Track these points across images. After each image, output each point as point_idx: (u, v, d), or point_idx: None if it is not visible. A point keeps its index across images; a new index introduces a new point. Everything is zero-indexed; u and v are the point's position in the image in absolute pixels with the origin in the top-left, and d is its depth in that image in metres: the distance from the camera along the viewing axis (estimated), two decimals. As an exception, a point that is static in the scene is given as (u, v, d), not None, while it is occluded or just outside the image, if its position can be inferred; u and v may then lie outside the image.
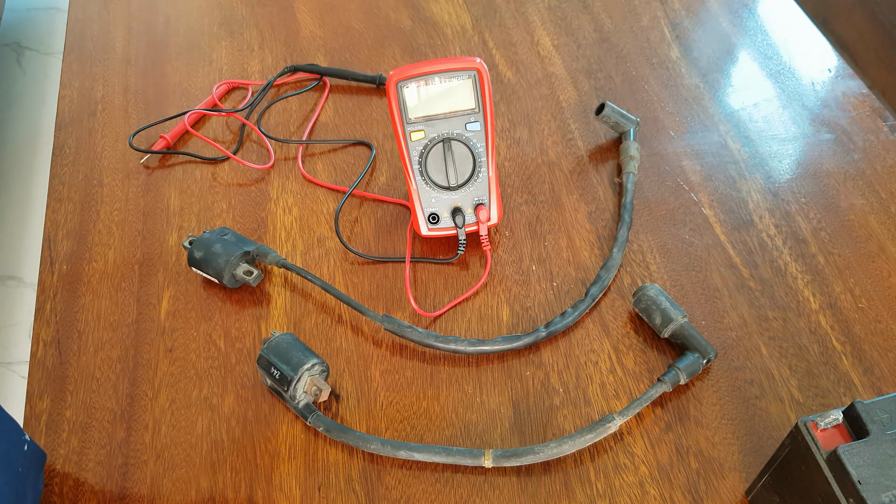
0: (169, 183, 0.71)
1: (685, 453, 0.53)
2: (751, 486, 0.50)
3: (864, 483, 0.38)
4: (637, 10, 0.84)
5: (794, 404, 0.55)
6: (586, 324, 0.60)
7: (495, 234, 0.66)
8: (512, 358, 0.58)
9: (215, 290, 0.63)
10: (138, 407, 0.57)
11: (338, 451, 0.54)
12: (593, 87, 0.77)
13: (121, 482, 0.53)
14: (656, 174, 0.69)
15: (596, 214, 0.67)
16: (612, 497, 0.51)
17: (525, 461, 0.52)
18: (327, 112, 0.76)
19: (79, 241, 0.67)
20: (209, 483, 0.53)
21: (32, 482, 0.51)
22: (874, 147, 0.70)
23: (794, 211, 0.66)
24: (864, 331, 0.58)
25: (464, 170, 0.61)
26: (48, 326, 0.62)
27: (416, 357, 0.59)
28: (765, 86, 0.76)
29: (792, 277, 0.62)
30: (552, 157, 0.71)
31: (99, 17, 0.88)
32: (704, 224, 0.66)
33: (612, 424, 0.53)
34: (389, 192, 0.69)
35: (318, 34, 0.84)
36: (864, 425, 0.41)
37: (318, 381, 0.54)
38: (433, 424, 0.55)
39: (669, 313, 0.57)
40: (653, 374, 0.57)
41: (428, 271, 0.64)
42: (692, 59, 0.79)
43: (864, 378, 0.56)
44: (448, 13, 0.85)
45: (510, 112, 0.75)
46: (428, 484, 0.52)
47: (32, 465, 0.51)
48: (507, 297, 0.62)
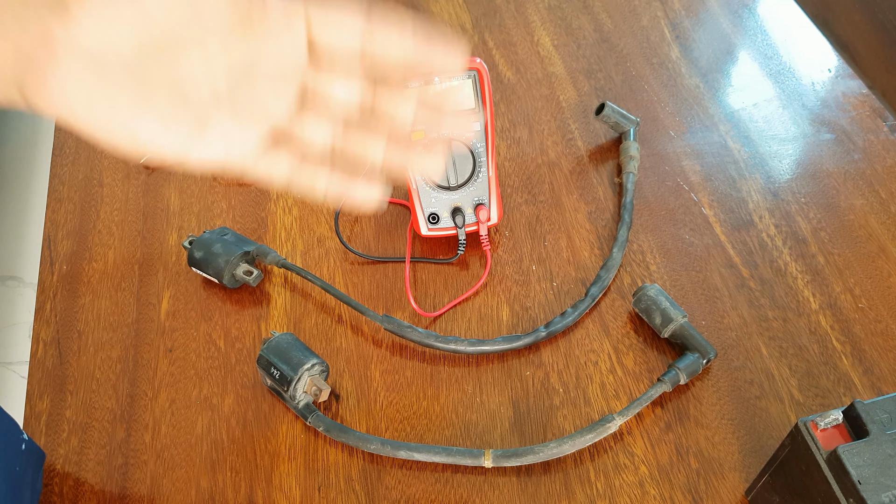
0: (169, 183, 0.71)
1: (685, 453, 0.53)
2: (751, 486, 0.50)
3: (864, 483, 0.38)
4: (637, 10, 0.84)
5: (794, 404, 0.55)
6: (586, 324, 0.60)
7: (495, 234, 0.66)
8: (512, 358, 0.58)
9: (215, 290, 0.63)
10: (138, 407, 0.57)
11: (338, 451, 0.54)
12: (593, 87, 0.77)
13: (121, 482, 0.53)
14: (656, 174, 0.69)
15: (596, 214, 0.67)
16: (612, 497, 0.51)
17: (525, 461, 0.52)
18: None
19: (79, 241, 0.67)
20: (209, 483, 0.53)
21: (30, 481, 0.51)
22: (874, 147, 0.70)
23: (794, 211, 0.66)
24: (864, 331, 0.58)
25: (464, 170, 0.61)
26: (48, 326, 0.62)
27: (416, 357, 0.59)
28: (765, 86, 0.76)
29: (792, 277, 0.62)
30: (552, 157, 0.71)
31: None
32: (704, 224, 0.66)
33: (612, 424, 0.53)
34: (389, 192, 0.69)
35: (318, 34, 0.84)
36: (864, 425, 0.41)
37: (318, 381, 0.54)
38: (433, 424, 0.55)
39: (669, 313, 0.57)
40: (653, 374, 0.57)
41: (428, 271, 0.64)
42: (692, 59, 0.79)
43: (864, 378, 0.56)
44: (448, 13, 0.85)
45: (510, 112, 0.75)
46: (428, 484, 0.52)
47: (30, 464, 0.51)
48: (507, 297, 0.62)
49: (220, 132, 0.30)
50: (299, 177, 0.33)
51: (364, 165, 0.33)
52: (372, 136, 0.33)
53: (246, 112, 0.30)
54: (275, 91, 0.31)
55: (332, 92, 0.31)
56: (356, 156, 0.33)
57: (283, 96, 0.31)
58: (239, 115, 0.30)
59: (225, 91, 0.30)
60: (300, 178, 0.33)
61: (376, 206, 0.33)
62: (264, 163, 0.32)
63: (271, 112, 0.31)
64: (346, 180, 0.33)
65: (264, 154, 0.32)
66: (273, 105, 0.31)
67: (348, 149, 0.33)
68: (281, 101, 0.31)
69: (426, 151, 0.33)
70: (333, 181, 0.33)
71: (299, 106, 0.32)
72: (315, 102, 0.32)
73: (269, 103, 0.31)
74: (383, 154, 0.33)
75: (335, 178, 0.33)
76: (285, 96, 0.31)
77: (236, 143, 0.31)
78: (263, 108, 0.31)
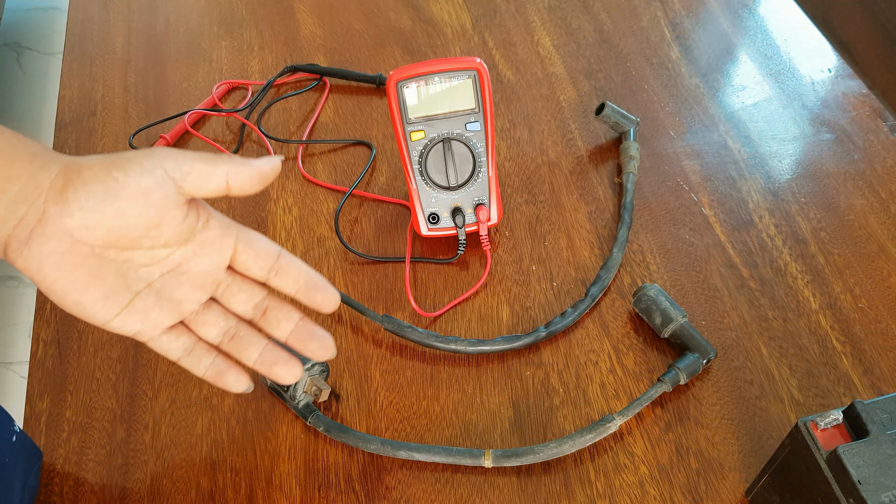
0: (169, 183, 0.71)
1: (685, 453, 0.53)
2: (751, 486, 0.50)
3: (864, 483, 0.38)
4: (637, 10, 0.84)
5: (794, 404, 0.55)
6: (586, 324, 0.60)
7: (495, 234, 0.66)
8: (512, 358, 0.58)
9: (215, 290, 0.63)
10: (138, 407, 0.57)
11: (338, 451, 0.54)
12: (593, 87, 0.77)
13: (121, 482, 0.53)
14: (656, 174, 0.69)
15: (596, 214, 0.67)
16: (612, 497, 0.51)
17: (525, 461, 0.52)
18: (327, 112, 0.76)
19: (79, 241, 0.67)
20: (209, 483, 0.53)
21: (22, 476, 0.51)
22: (874, 147, 0.70)
23: (794, 211, 0.66)
24: (864, 331, 0.58)
25: (464, 170, 0.61)
26: (48, 326, 0.62)
27: (416, 357, 0.59)
28: (765, 86, 0.76)
29: (792, 277, 0.62)
30: (552, 157, 0.71)
31: (99, 17, 0.88)
32: (704, 224, 0.66)
33: (612, 424, 0.53)
34: (389, 192, 0.69)
35: (318, 34, 0.84)
36: (864, 425, 0.41)
37: (318, 381, 0.54)
38: (433, 424, 0.55)
39: (669, 313, 0.57)
40: (653, 374, 0.57)
41: (428, 271, 0.64)
42: (692, 59, 0.79)
43: (864, 378, 0.56)
44: (448, 13, 0.85)
45: (510, 112, 0.75)
46: (428, 484, 0.52)
47: (21, 458, 0.51)
48: (507, 297, 0.62)
49: (141, 310, 0.38)
50: (187, 358, 0.40)
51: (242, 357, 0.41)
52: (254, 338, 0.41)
53: (166, 299, 0.38)
54: (193, 290, 0.39)
55: (235, 296, 0.40)
56: (237, 350, 0.41)
57: (198, 295, 0.39)
58: (160, 300, 0.38)
59: (157, 282, 0.38)
60: (188, 359, 0.41)
61: (242, 391, 0.42)
62: (165, 340, 0.40)
63: (184, 306, 0.39)
64: (223, 367, 0.41)
65: (166, 333, 0.39)
66: (188, 300, 0.39)
67: (232, 343, 0.41)
68: (195, 297, 0.39)
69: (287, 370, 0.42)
70: (213, 366, 0.41)
71: (206, 302, 0.40)
72: (221, 299, 0.40)
73: (186, 298, 0.39)
74: (257, 355, 0.41)
75: (215, 364, 0.41)
76: (199, 296, 0.39)
77: (150, 321, 0.38)
78: (180, 301, 0.39)
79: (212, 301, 0.40)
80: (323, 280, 0.40)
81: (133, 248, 0.36)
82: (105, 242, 0.35)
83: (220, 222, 0.39)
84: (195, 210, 0.38)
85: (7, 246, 0.35)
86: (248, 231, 0.40)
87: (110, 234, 0.35)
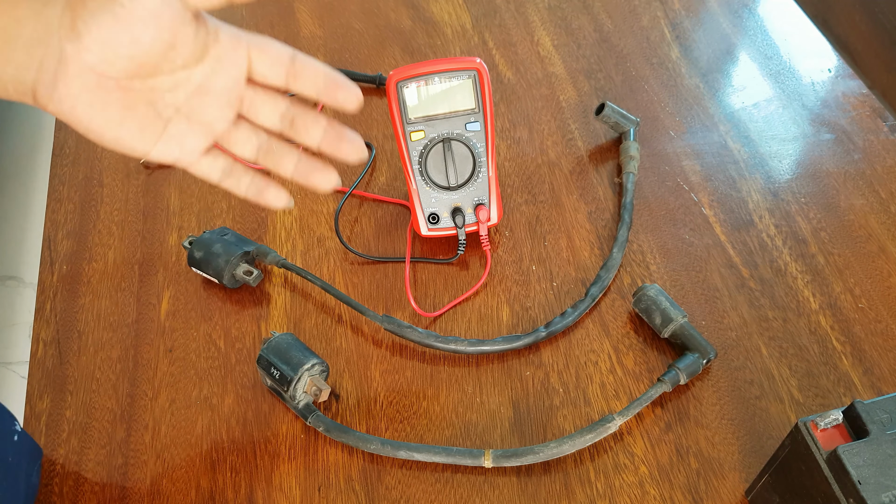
0: (169, 183, 0.71)
1: (685, 453, 0.53)
2: (751, 486, 0.50)
3: (864, 483, 0.38)
4: (637, 10, 0.84)
5: (794, 404, 0.55)
6: (586, 324, 0.60)
7: (495, 234, 0.66)
8: (512, 358, 0.58)
9: (215, 290, 0.63)
10: (138, 407, 0.57)
11: (338, 451, 0.54)
12: (593, 87, 0.77)
13: (121, 482, 0.53)
14: (656, 174, 0.69)
15: (596, 214, 0.67)
16: (612, 497, 0.51)
17: (525, 461, 0.52)
18: (327, 112, 0.76)
19: (79, 241, 0.67)
20: (209, 483, 0.53)
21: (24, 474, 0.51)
22: (874, 147, 0.70)
23: (794, 211, 0.66)
24: (864, 331, 0.58)
25: (464, 170, 0.61)
26: (48, 326, 0.62)
27: (416, 357, 0.59)
28: (765, 86, 0.76)
29: (792, 277, 0.62)
30: (552, 157, 0.71)
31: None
32: (704, 224, 0.66)
33: (612, 424, 0.53)
34: (389, 192, 0.69)
35: (318, 34, 0.84)
36: (864, 425, 0.41)
37: (318, 381, 0.54)
38: (433, 424, 0.55)
39: (669, 313, 0.57)
40: (653, 374, 0.57)
41: (428, 271, 0.64)
42: (692, 59, 0.79)
43: (864, 378, 0.56)
44: (448, 13, 0.85)
45: (510, 112, 0.75)
46: (428, 484, 0.52)
47: (24, 457, 0.51)
48: (507, 297, 0.62)
49: (176, 136, 0.38)
50: (228, 179, 0.41)
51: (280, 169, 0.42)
52: (287, 150, 0.42)
53: (196, 121, 0.39)
54: (220, 108, 0.39)
55: (261, 109, 0.40)
56: (273, 164, 0.42)
57: (225, 113, 0.39)
58: (191, 124, 0.39)
59: (184, 106, 0.38)
60: (228, 180, 0.41)
61: (283, 206, 0.42)
62: (205, 163, 0.40)
63: (215, 126, 0.39)
64: (262, 184, 0.42)
65: (205, 156, 0.40)
66: (217, 119, 0.39)
67: (268, 158, 0.41)
68: (223, 115, 0.39)
69: None
70: (252, 184, 0.42)
71: (235, 120, 0.40)
72: (248, 114, 0.40)
73: (215, 118, 0.39)
74: (293, 167, 0.41)
75: (254, 182, 0.42)
76: (227, 113, 0.39)
77: (186, 146, 0.39)
78: (210, 122, 0.39)
79: (241, 119, 0.41)
80: (342, 77, 0.39)
81: (155, 74, 0.36)
82: (128, 73, 0.35)
83: (228, 33, 0.38)
84: (203, 25, 0.37)
85: (35, 93, 0.35)
86: (259, 37, 0.39)
87: (131, 63, 0.35)
